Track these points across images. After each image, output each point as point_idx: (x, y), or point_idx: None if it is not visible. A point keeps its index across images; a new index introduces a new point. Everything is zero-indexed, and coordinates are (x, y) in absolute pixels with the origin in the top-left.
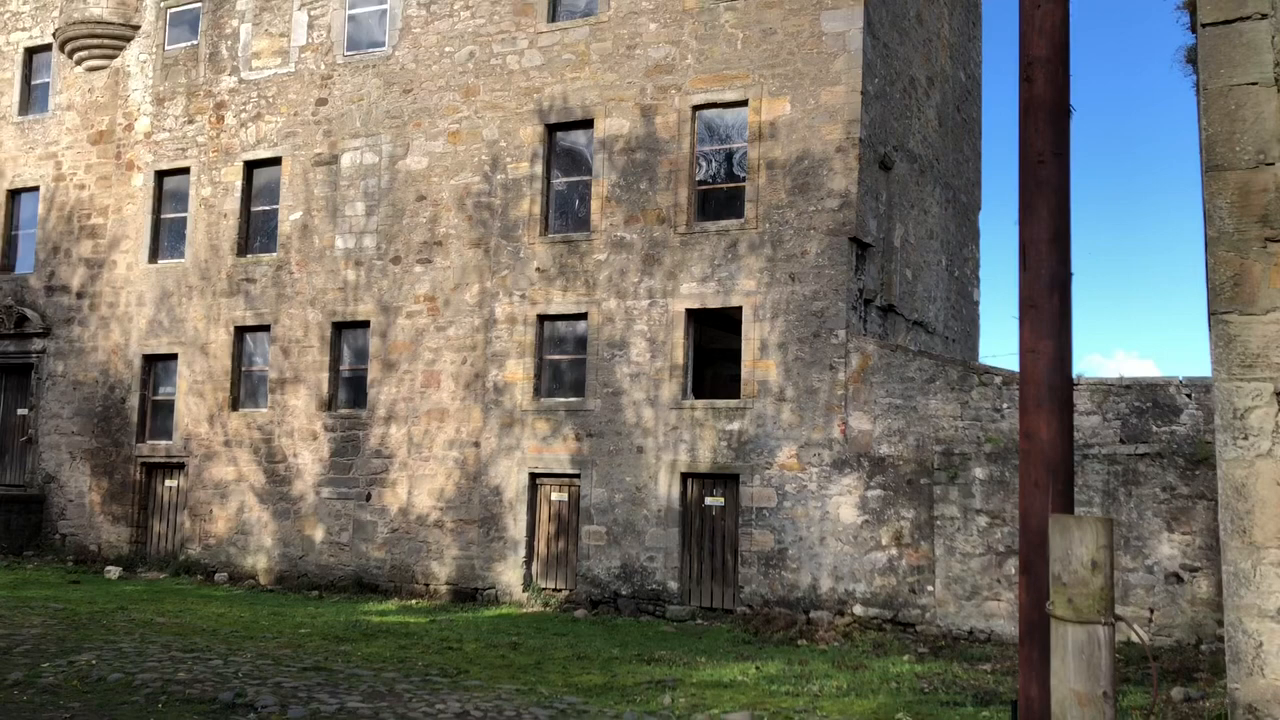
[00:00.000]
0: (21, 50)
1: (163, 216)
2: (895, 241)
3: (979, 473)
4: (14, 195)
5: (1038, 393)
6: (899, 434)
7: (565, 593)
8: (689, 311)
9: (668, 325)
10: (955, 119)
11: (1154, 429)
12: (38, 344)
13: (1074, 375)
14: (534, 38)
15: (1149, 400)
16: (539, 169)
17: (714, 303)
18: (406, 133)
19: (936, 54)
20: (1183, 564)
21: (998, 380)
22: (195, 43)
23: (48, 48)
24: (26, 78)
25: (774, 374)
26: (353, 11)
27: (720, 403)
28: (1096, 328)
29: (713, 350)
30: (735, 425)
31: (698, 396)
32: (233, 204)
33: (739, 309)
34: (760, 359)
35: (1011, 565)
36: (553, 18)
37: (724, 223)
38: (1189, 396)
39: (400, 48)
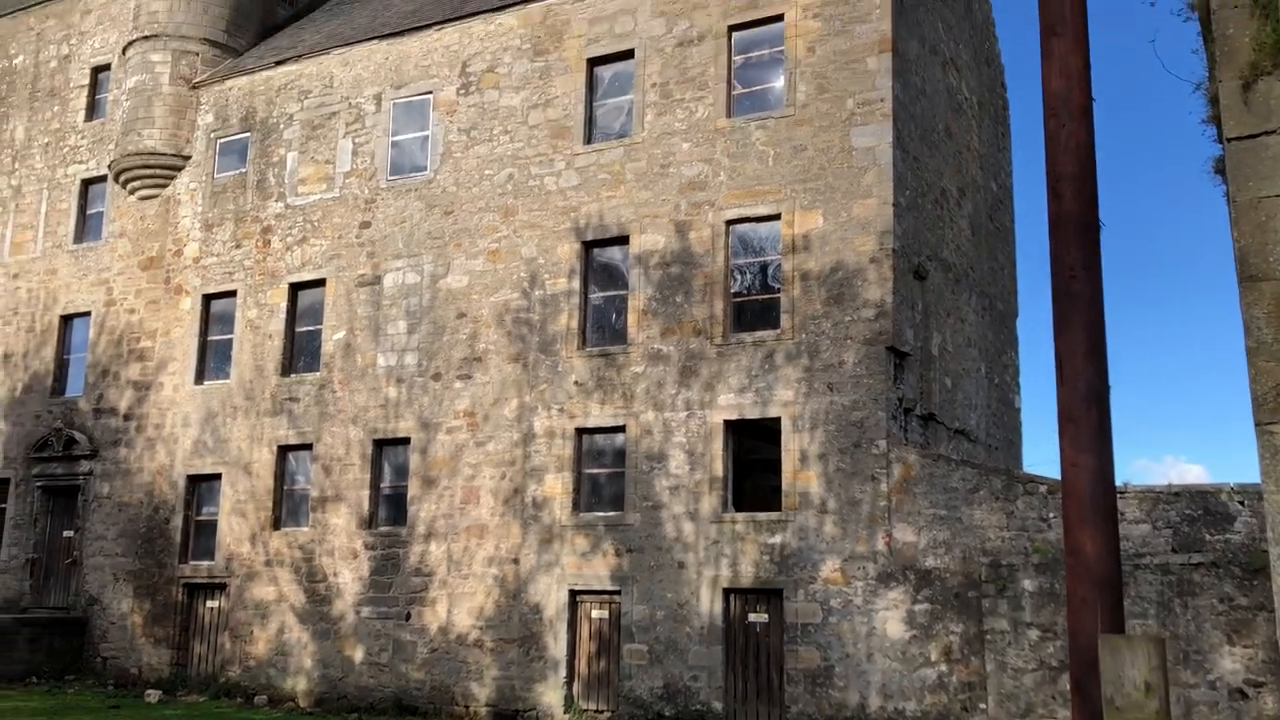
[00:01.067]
0: (78, 182)
1: (209, 339)
2: (933, 350)
3: (1028, 584)
4: (66, 321)
5: (1080, 508)
6: (944, 545)
7: (607, 714)
8: (727, 423)
9: (706, 437)
10: (988, 228)
11: (1207, 537)
12: (85, 466)
13: (1121, 483)
14: (570, 159)
15: (1200, 508)
16: (576, 284)
17: (752, 414)
18: (447, 252)
19: (967, 165)
20: (1246, 679)
21: (1043, 489)
22: (244, 171)
23: (103, 179)
24: (82, 208)
25: (815, 485)
26: (396, 138)
27: (761, 515)
28: (1143, 432)
29: (752, 461)
30: (777, 538)
31: (738, 509)
32: (277, 325)
33: (778, 420)
34: (801, 470)
35: (1066, 681)
36: (589, 140)
37: (760, 334)
38: (1242, 504)
39: (442, 171)
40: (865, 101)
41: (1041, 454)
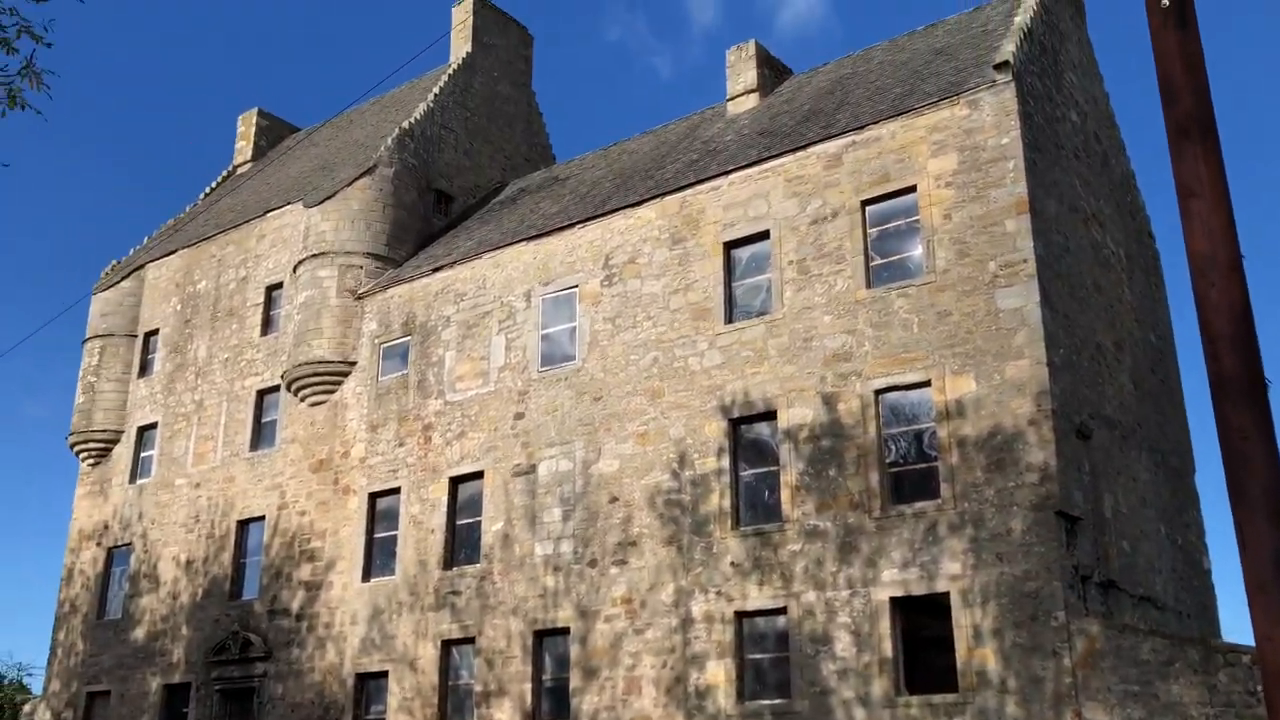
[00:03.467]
0: (254, 393)
1: (375, 536)
2: (1106, 512)
3: None
4: (243, 525)
5: None
6: None
7: None
8: (893, 600)
9: (872, 616)
10: (1151, 381)
11: None
12: (260, 668)
13: None
14: (713, 339)
15: None
16: (726, 463)
17: (918, 589)
18: (598, 438)
19: (1121, 319)
20: None
21: (1246, 659)
22: (405, 372)
23: (276, 388)
24: (257, 417)
25: (992, 663)
26: (545, 331)
27: (937, 698)
28: None
29: (923, 639)
30: None
31: (912, 691)
32: (439, 519)
33: (946, 595)
34: (976, 648)
35: None
36: (729, 319)
37: (920, 504)
38: None
39: (589, 360)
40: (1007, 263)
41: (1244, 618)
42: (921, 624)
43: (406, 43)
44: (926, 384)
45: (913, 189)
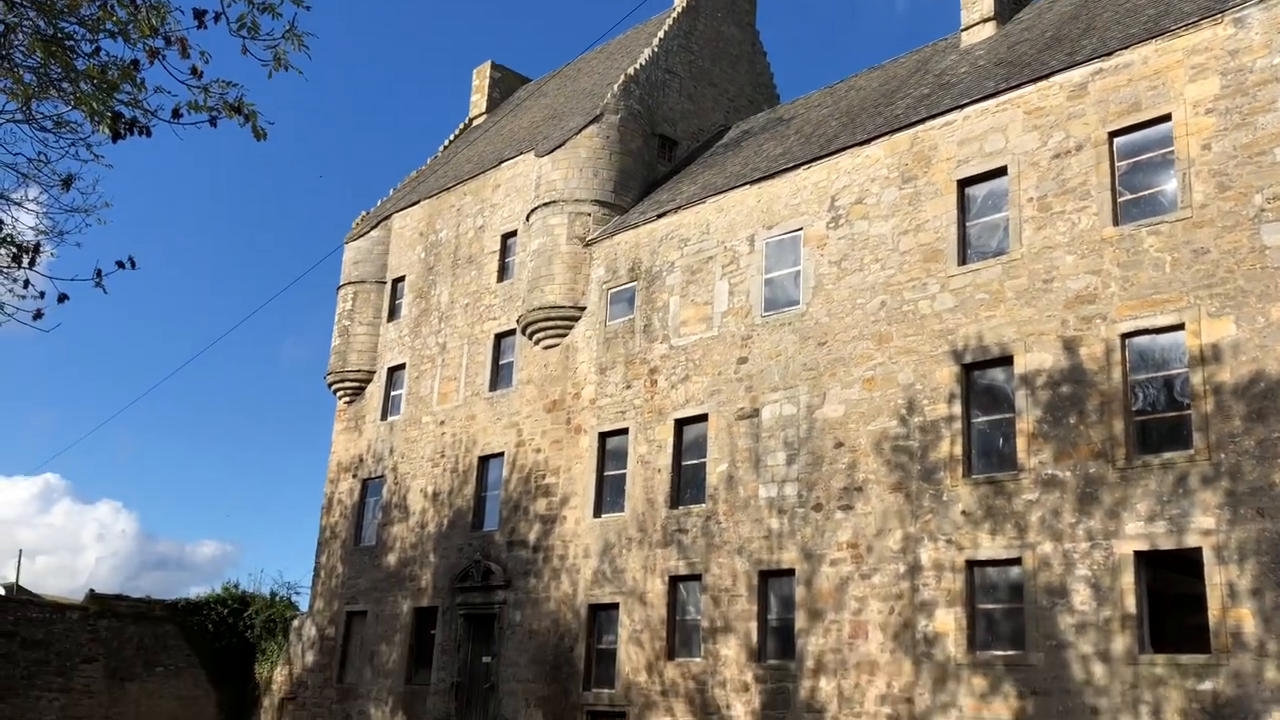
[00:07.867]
0: (492, 336)
1: (605, 474)
2: None
3: None
4: (484, 461)
5: None
6: None
7: None
8: (1138, 554)
9: (1113, 570)
10: None
11: None
12: (500, 595)
13: None
14: (944, 281)
15: None
16: (957, 409)
17: (1166, 544)
18: (822, 383)
19: None
20: None
21: None
22: (631, 317)
23: (512, 332)
24: (495, 359)
25: (1250, 625)
26: (769, 276)
27: (1185, 658)
28: None
29: (1169, 595)
30: (1208, 685)
31: (1157, 649)
32: (665, 460)
33: (1197, 550)
34: (1231, 608)
35: None
36: (963, 260)
37: (1168, 455)
38: None
39: (814, 304)
40: (1276, 195)
41: None
42: (1168, 580)
43: None
44: (1179, 327)
45: (1167, 118)
